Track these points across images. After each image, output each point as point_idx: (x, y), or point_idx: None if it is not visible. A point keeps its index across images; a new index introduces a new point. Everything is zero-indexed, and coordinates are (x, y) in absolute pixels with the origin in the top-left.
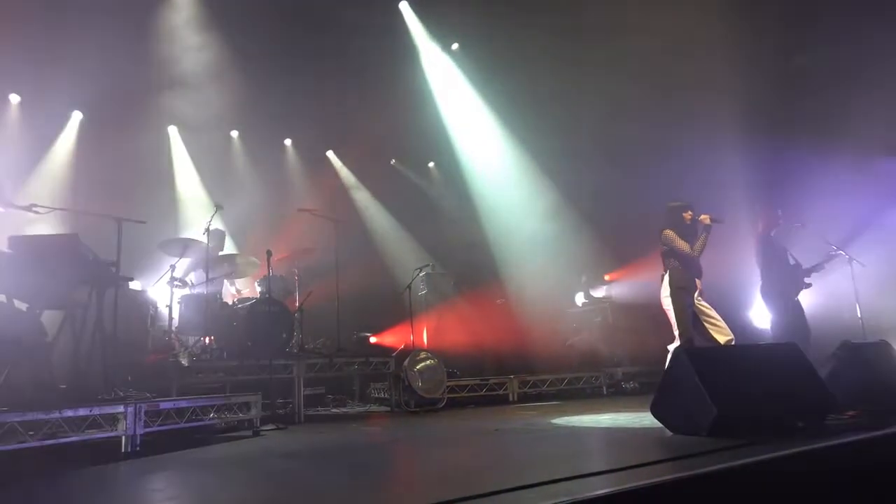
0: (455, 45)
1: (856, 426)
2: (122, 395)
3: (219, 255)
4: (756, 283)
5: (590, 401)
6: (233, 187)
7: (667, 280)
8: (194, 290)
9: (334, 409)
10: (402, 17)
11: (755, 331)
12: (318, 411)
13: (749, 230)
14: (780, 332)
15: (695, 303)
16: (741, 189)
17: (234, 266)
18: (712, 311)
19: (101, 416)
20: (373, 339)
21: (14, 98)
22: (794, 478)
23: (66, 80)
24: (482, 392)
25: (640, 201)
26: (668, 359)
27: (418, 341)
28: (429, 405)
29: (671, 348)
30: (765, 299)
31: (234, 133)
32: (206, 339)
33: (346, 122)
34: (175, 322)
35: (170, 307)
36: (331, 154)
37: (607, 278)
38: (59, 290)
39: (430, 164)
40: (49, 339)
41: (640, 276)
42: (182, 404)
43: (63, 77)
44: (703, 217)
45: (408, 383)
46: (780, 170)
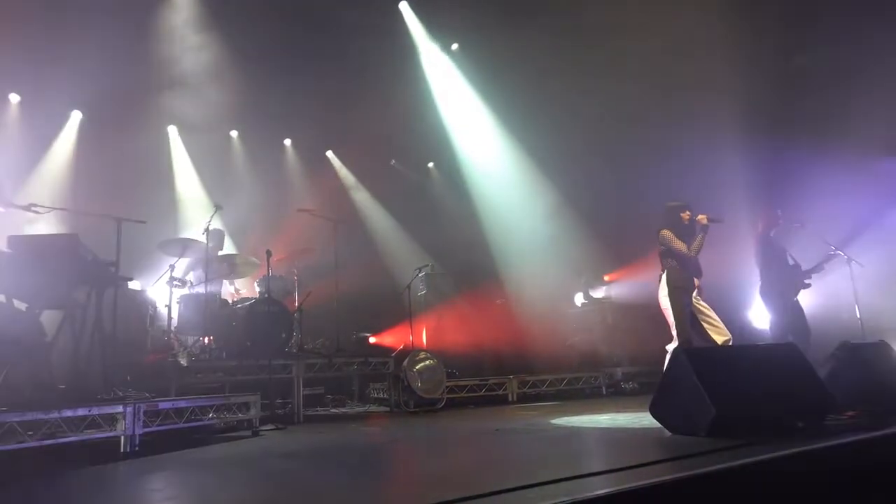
0: (455, 45)
1: (855, 426)
2: (121, 395)
3: (218, 255)
4: (755, 283)
5: (589, 401)
6: (232, 187)
7: (664, 280)
8: (193, 290)
9: (333, 410)
10: (401, 17)
11: (754, 331)
12: (318, 411)
13: (749, 230)
14: (779, 333)
15: (693, 302)
16: (741, 189)
17: (233, 266)
18: (710, 311)
19: (100, 416)
20: (372, 340)
21: (14, 98)
22: (793, 478)
23: (66, 80)
24: (481, 392)
25: (640, 201)
26: (666, 359)
27: (418, 341)
28: (428, 405)
29: (669, 348)
30: (764, 299)
31: (234, 133)
32: (206, 339)
33: (346, 122)
34: (174, 322)
35: (169, 307)
36: (330, 154)
37: (607, 279)
38: (58, 290)
39: (430, 164)
40: (48, 339)
41: (639, 276)
42: (181, 404)
43: (63, 77)
44: (701, 217)
45: (407, 383)
46: (780, 170)
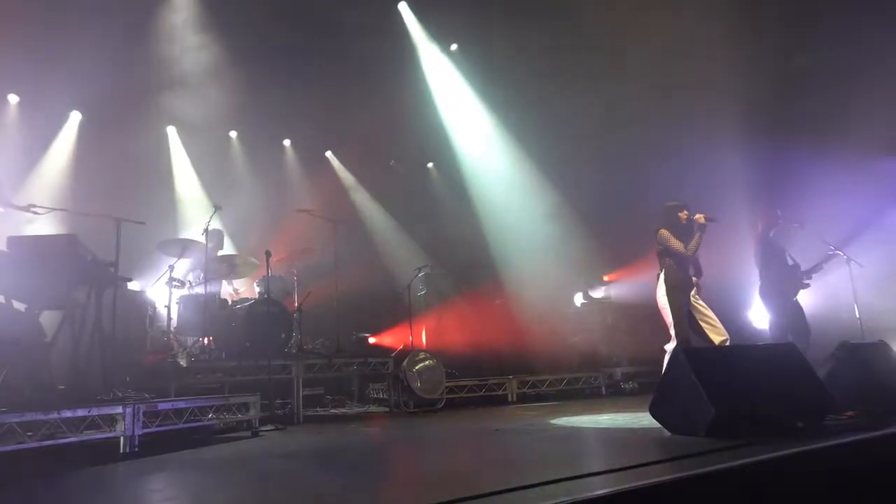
0: (454, 45)
1: (854, 426)
2: (120, 395)
3: (218, 255)
4: (755, 283)
5: (589, 401)
6: (232, 188)
7: (662, 279)
8: (193, 291)
9: (333, 410)
10: (400, 17)
11: (754, 331)
12: (317, 412)
13: (748, 230)
14: (778, 333)
15: (691, 301)
16: (741, 189)
17: (232, 266)
18: (708, 311)
19: (99, 416)
20: (372, 340)
21: (13, 98)
22: (792, 478)
23: (65, 81)
24: (481, 392)
25: (640, 202)
26: (665, 359)
27: (417, 342)
28: (428, 406)
29: (668, 348)
30: (763, 299)
31: (233, 133)
32: (205, 340)
33: (345, 122)
34: (174, 322)
35: (168, 307)
36: (329, 154)
37: (606, 279)
38: (57, 290)
39: (429, 164)
40: (48, 340)
41: (639, 276)
42: (180, 405)
43: (62, 77)
44: (698, 216)
45: (407, 384)
46: (780, 170)
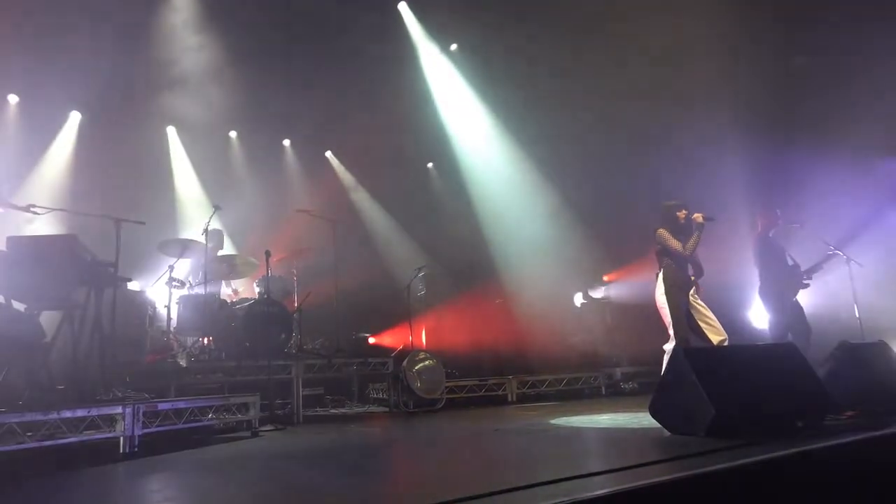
0: (454, 45)
1: (854, 426)
2: (120, 395)
3: (217, 255)
4: (755, 283)
5: (589, 401)
6: (231, 188)
7: (661, 279)
8: (193, 291)
9: (333, 410)
10: (400, 17)
11: (754, 331)
12: (317, 412)
13: (748, 230)
14: (778, 332)
15: (690, 301)
16: (740, 189)
17: (232, 266)
18: (707, 311)
19: (99, 416)
20: (371, 340)
21: (13, 98)
22: (792, 478)
23: (65, 81)
24: (481, 392)
25: (640, 202)
26: (664, 359)
27: (417, 342)
28: (427, 406)
29: (667, 348)
30: (763, 299)
31: (233, 133)
32: (205, 340)
33: (345, 122)
34: (173, 322)
35: (168, 307)
36: (329, 154)
37: (606, 279)
38: (57, 290)
39: (429, 164)
40: (47, 340)
41: (638, 276)
42: (180, 405)
43: (62, 77)
44: (696, 216)
45: (406, 384)
46: (780, 170)
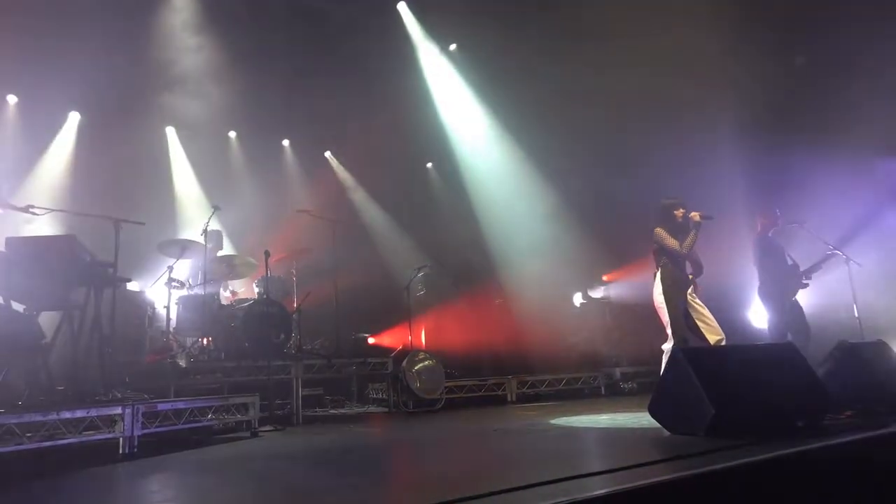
0: (453, 45)
1: (853, 426)
2: (119, 396)
3: (217, 255)
4: (754, 282)
5: (588, 401)
6: (231, 188)
7: (658, 278)
8: (192, 291)
9: (332, 410)
10: (400, 17)
11: (753, 331)
12: (317, 412)
13: (747, 230)
14: (777, 332)
15: (688, 300)
16: (740, 188)
17: (232, 267)
18: (705, 310)
19: (98, 417)
20: (371, 340)
21: (12, 99)
22: (791, 478)
23: (64, 81)
24: (481, 392)
25: (639, 201)
26: (663, 358)
27: (416, 342)
28: (427, 406)
29: (665, 348)
30: (763, 299)
31: (232, 134)
32: (204, 340)
33: (344, 122)
34: (173, 323)
35: (168, 308)
36: (328, 155)
37: (605, 279)
38: (56, 291)
39: (429, 164)
40: (47, 341)
41: (638, 276)
42: (180, 405)
43: (61, 78)
44: (693, 214)
45: (406, 384)
46: (780, 170)
